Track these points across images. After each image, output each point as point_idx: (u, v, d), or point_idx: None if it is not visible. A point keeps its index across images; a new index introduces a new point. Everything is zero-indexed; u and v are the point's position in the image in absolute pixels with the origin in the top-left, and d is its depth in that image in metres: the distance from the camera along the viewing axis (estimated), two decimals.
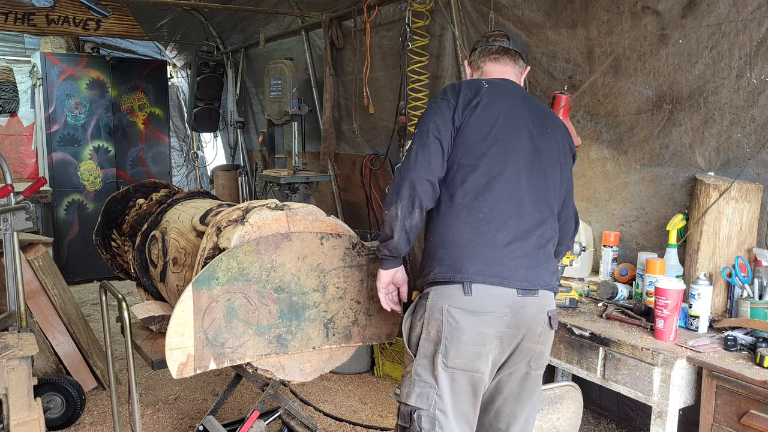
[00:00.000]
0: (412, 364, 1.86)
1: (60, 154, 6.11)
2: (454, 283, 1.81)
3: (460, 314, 1.79)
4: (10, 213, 2.91)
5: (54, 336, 3.50)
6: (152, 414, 3.50)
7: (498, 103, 1.91)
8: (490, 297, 1.79)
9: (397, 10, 4.09)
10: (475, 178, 1.85)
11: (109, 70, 6.29)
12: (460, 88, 1.93)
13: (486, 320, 1.79)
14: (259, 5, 5.41)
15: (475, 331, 1.79)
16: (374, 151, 4.73)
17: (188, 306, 1.95)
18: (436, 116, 1.88)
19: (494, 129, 1.88)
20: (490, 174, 1.85)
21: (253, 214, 2.14)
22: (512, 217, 1.85)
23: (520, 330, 1.84)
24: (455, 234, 1.85)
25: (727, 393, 1.94)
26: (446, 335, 1.79)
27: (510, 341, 1.84)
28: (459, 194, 1.85)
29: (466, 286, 1.79)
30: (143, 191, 3.21)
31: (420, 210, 1.85)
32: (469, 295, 1.78)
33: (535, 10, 3.14)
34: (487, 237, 1.83)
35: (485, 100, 1.89)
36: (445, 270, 1.83)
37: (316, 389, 3.80)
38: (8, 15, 5.81)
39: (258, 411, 2.62)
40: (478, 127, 1.87)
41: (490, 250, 1.82)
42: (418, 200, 1.83)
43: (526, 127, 1.93)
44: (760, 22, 2.32)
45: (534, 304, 1.85)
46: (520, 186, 1.87)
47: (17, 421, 2.52)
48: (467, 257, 1.81)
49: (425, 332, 1.84)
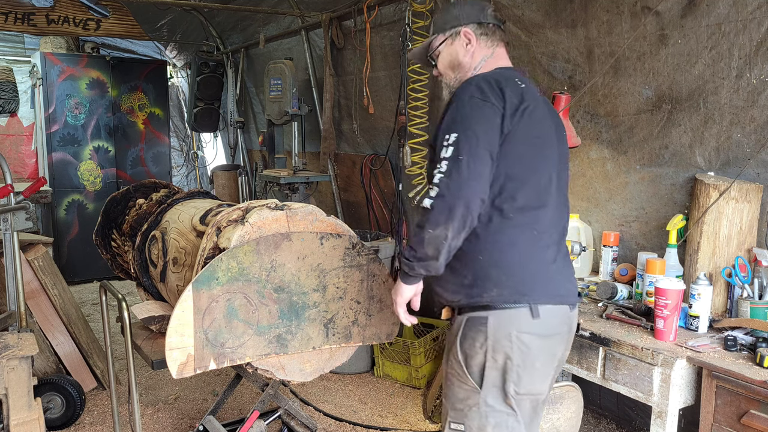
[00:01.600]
0: (478, 395, 1.74)
1: (60, 154, 6.11)
2: (518, 307, 1.70)
3: (531, 339, 1.70)
4: (10, 213, 2.91)
5: (54, 336, 3.50)
6: (152, 414, 3.50)
7: (539, 107, 1.78)
8: (554, 317, 1.74)
9: (397, 10, 4.09)
10: (527, 193, 1.73)
11: (109, 70, 6.29)
12: (503, 89, 1.72)
13: (555, 342, 1.76)
14: (259, 5, 5.41)
15: (547, 355, 1.74)
16: (374, 151, 4.73)
17: (188, 306, 1.95)
18: (483, 123, 1.67)
19: (540, 137, 1.76)
20: (539, 187, 1.75)
21: (253, 214, 2.14)
22: (553, 230, 1.80)
23: (570, 344, 1.86)
24: (514, 254, 1.73)
25: (727, 393, 1.94)
26: (518, 362, 1.70)
27: (564, 356, 1.85)
28: (510, 209, 1.72)
29: (534, 309, 1.70)
30: (143, 191, 3.21)
31: (469, 230, 1.69)
32: (538, 318, 1.70)
33: (534, 10, 3.14)
34: (542, 255, 1.76)
35: (531, 105, 1.73)
36: (507, 293, 1.70)
37: (316, 389, 3.80)
38: (8, 15, 5.81)
39: (258, 411, 2.62)
40: (526, 134, 1.72)
41: (546, 268, 1.76)
42: (470, 220, 1.66)
43: (552, 128, 1.84)
44: (760, 22, 2.32)
45: (576, 316, 1.86)
46: (556, 195, 1.81)
47: (17, 421, 2.52)
48: (530, 278, 1.72)
49: (491, 360, 1.71)
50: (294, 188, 4.66)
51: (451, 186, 1.64)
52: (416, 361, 3.77)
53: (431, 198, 1.66)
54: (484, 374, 1.72)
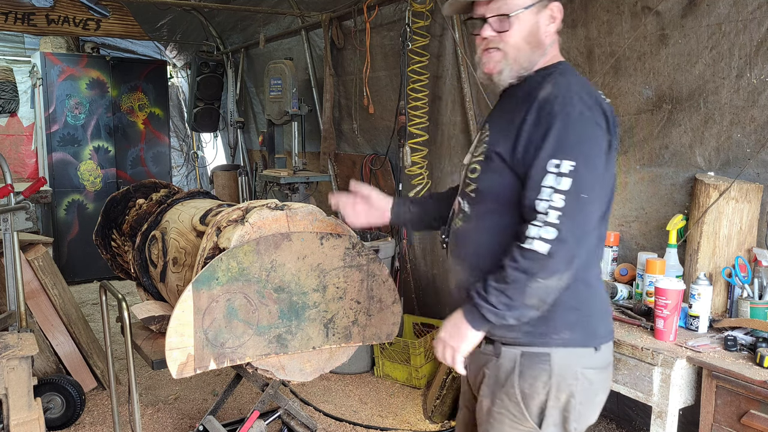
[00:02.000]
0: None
1: (60, 154, 6.11)
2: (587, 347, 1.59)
3: (594, 374, 1.59)
4: (10, 213, 2.91)
5: (54, 336, 3.50)
6: (152, 414, 3.50)
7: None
8: (610, 347, 1.66)
9: (397, 10, 4.09)
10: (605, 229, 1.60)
11: (109, 70, 6.29)
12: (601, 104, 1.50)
13: (611, 370, 1.68)
14: (259, 5, 5.41)
15: (607, 386, 1.66)
16: (374, 151, 4.73)
17: (188, 306, 1.95)
18: (599, 151, 1.46)
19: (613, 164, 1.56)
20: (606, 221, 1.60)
21: (253, 214, 2.14)
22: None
23: None
24: (593, 297, 1.60)
25: (727, 393, 1.94)
26: (581, 399, 1.57)
27: None
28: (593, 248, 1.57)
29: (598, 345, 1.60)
30: (143, 191, 3.21)
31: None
32: (599, 351, 1.59)
33: None
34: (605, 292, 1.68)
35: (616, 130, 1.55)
36: (579, 336, 1.56)
37: (316, 389, 3.80)
38: (8, 15, 5.80)
39: (258, 411, 2.62)
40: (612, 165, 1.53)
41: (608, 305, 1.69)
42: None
43: None
44: (760, 22, 2.32)
45: None
46: None
47: (17, 421, 2.52)
48: (601, 320, 1.62)
49: (554, 399, 1.55)
50: (294, 188, 4.65)
51: (576, 231, 1.41)
52: (416, 361, 3.77)
53: (548, 241, 1.40)
54: (545, 414, 1.57)
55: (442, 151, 3.97)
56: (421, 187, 3.93)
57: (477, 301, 1.48)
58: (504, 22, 1.53)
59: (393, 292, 2.35)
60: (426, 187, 3.94)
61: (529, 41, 1.55)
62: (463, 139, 3.80)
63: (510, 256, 1.45)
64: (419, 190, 3.93)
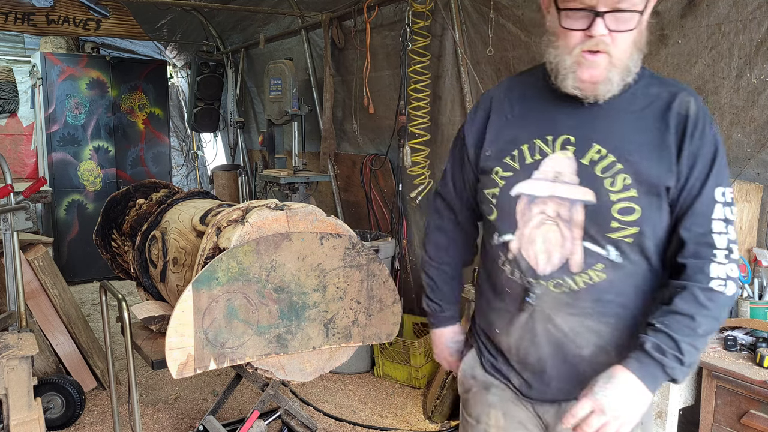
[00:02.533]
0: None
1: (60, 154, 6.11)
2: None
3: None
4: (10, 213, 2.91)
5: (54, 336, 3.50)
6: (152, 414, 3.49)
7: None
8: None
9: (398, 10, 4.09)
10: None
11: (109, 70, 6.29)
12: None
13: None
14: (259, 5, 5.41)
15: None
16: (374, 151, 4.73)
17: (188, 306, 1.95)
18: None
19: None
20: None
21: (253, 214, 2.14)
22: None
23: None
24: None
25: (727, 393, 1.94)
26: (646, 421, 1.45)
27: None
28: None
29: None
30: (143, 191, 3.21)
31: None
32: None
33: (535, 10, 3.13)
34: None
35: None
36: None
37: (316, 389, 3.80)
38: (8, 15, 5.80)
39: (258, 411, 2.62)
40: None
41: None
42: None
43: None
44: (760, 22, 2.32)
45: None
46: None
47: (17, 421, 2.52)
48: None
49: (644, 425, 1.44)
50: (294, 188, 4.66)
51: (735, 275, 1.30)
52: (416, 361, 3.77)
53: (735, 281, 1.29)
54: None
55: (442, 151, 3.97)
56: (423, 186, 3.93)
57: (660, 359, 1.23)
58: (629, 21, 1.24)
59: (393, 292, 2.35)
60: (428, 186, 3.94)
61: (639, 44, 1.29)
62: None
63: (695, 301, 1.25)
64: (421, 191, 3.93)
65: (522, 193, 1.35)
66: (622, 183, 1.28)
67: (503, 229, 1.39)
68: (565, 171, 1.32)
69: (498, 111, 1.44)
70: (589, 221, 1.30)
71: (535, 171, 1.35)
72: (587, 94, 1.30)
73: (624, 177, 1.28)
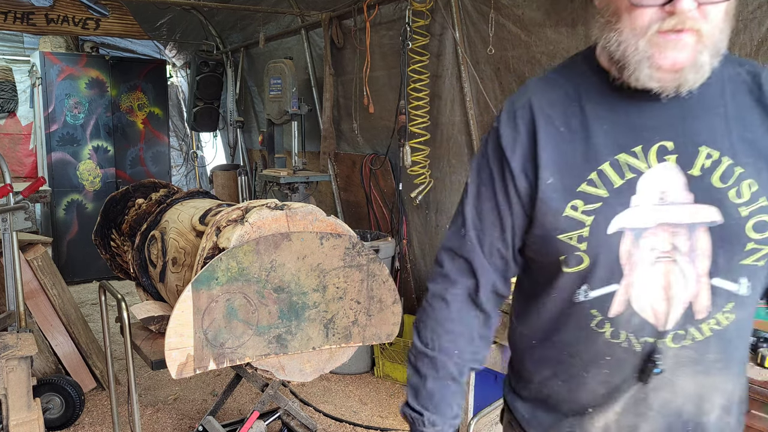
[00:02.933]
0: None
1: (59, 154, 6.10)
2: None
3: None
4: (9, 213, 2.90)
5: (53, 336, 3.50)
6: (152, 414, 3.49)
7: None
8: None
9: (397, 9, 4.08)
10: None
11: (108, 69, 6.28)
12: None
13: None
14: (259, 4, 5.40)
15: None
16: (374, 151, 4.72)
17: (188, 306, 1.95)
18: None
19: None
20: None
21: (252, 214, 2.14)
22: None
23: None
24: None
25: None
26: None
27: None
28: None
29: None
30: (142, 191, 3.20)
31: None
32: None
33: (535, 9, 3.13)
34: None
35: None
36: None
37: (316, 390, 3.79)
38: (7, 14, 5.79)
39: (258, 411, 2.61)
40: None
41: None
42: None
43: None
44: (761, 21, 2.32)
45: None
46: None
47: (17, 421, 2.52)
48: None
49: None
50: (294, 188, 4.65)
51: None
52: None
53: None
54: None
55: (441, 151, 3.96)
56: (423, 186, 3.93)
57: None
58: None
59: (393, 292, 2.34)
60: (428, 186, 3.94)
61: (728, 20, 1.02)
62: (462, 139, 3.79)
63: None
64: (422, 190, 3.93)
65: (624, 228, 1.02)
66: (749, 191, 1.01)
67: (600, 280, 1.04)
68: (672, 188, 1.02)
69: (547, 123, 1.07)
70: (717, 248, 1.01)
71: (632, 196, 1.02)
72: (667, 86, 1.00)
73: (749, 183, 1.01)
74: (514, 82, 3.32)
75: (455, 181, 3.87)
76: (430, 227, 4.15)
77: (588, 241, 1.03)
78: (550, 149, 1.06)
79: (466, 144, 3.75)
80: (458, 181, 3.84)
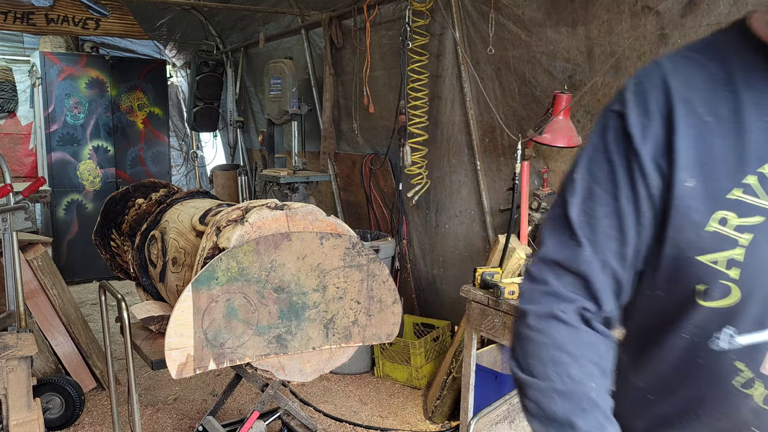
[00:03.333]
0: None
1: (59, 154, 6.10)
2: None
3: None
4: (9, 213, 2.90)
5: (53, 336, 3.50)
6: (152, 414, 3.49)
7: None
8: None
9: (397, 9, 4.09)
10: None
11: (108, 69, 6.28)
12: None
13: None
14: (259, 4, 5.40)
15: None
16: (374, 151, 4.72)
17: (188, 306, 1.95)
18: None
19: None
20: None
21: (252, 214, 2.14)
22: None
23: None
24: None
25: None
26: None
27: None
28: None
29: None
30: (142, 191, 3.20)
31: None
32: None
33: (535, 9, 3.13)
34: None
35: None
36: None
37: (316, 390, 3.79)
38: (7, 14, 5.79)
39: (258, 411, 2.61)
40: None
41: None
42: None
43: None
44: None
45: None
46: None
47: (17, 421, 2.52)
48: None
49: None
50: (294, 188, 4.65)
51: None
52: (416, 361, 3.77)
53: None
54: None
55: (441, 151, 3.96)
56: (420, 186, 3.92)
57: None
58: None
59: (393, 292, 2.34)
60: (425, 186, 3.94)
61: None
62: (462, 139, 3.79)
63: None
64: (419, 190, 3.93)
65: None
66: None
67: (753, 322, 0.77)
68: None
69: (688, 109, 0.81)
70: None
71: None
72: None
73: None
74: (514, 82, 3.33)
75: (455, 180, 3.87)
76: (430, 227, 4.15)
77: (742, 268, 0.76)
78: (692, 143, 0.79)
79: (466, 144, 3.75)
80: (458, 180, 3.84)
